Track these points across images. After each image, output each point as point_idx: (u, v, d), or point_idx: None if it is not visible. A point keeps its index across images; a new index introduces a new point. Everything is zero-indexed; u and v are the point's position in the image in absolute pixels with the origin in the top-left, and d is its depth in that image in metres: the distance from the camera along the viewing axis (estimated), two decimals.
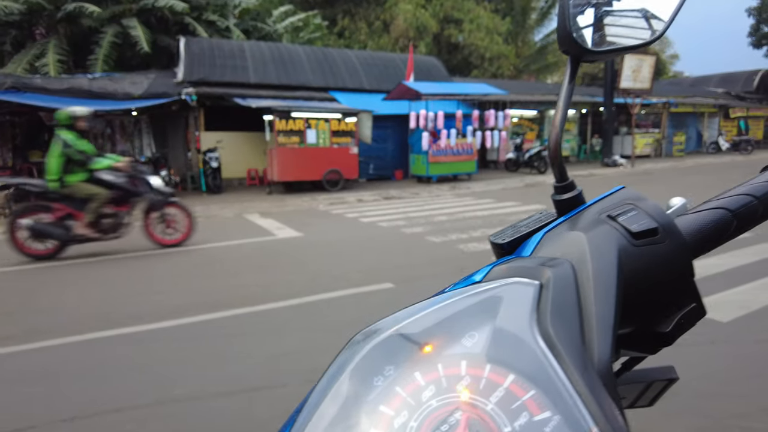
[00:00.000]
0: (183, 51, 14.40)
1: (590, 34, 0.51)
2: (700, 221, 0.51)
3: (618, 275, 0.39)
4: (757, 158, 20.72)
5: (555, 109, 0.52)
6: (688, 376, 2.83)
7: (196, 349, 3.41)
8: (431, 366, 0.32)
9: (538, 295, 0.35)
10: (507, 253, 0.48)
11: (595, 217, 0.46)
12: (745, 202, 0.52)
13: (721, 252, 5.39)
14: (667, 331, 0.46)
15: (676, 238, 0.45)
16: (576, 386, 0.29)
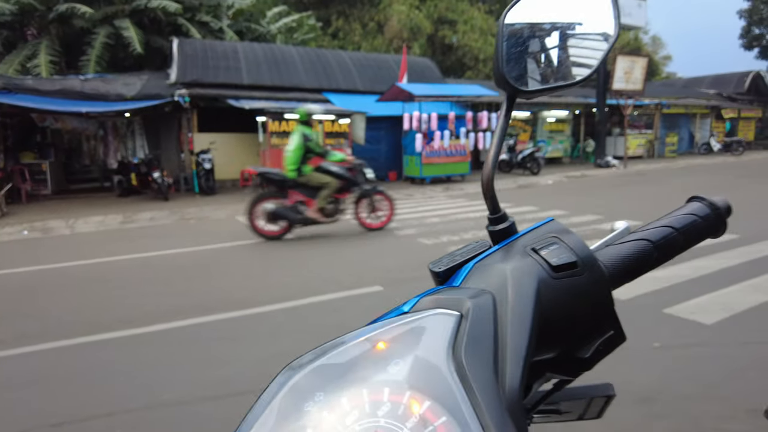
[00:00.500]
0: (176, 52, 14.38)
1: (523, 75, 0.54)
2: (623, 253, 0.54)
3: (534, 306, 0.42)
4: (748, 159, 20.89)
5: (489, 146, 0.55)
6: (671, 378, 2.88)
7: (187, 352, 3.43)
8: (357, 392, 0.35)
9: (457, 325, 0.38)
10: (442, 281, 0.51)
11: (521, 250, 0.49)
12: (666, 234, 0.56)
13: (708, 254, 5.46)
14: (586, 356, 0.49)
15: (595, 271, 0.48)
16: (479, 415, 0.32)
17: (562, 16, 0.57)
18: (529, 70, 0.55)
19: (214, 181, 13.11)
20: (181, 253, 6.50)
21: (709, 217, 0.59)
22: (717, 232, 0.60)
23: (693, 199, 0.62)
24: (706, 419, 2.44)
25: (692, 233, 0.57)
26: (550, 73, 0.56)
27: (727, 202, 0.60)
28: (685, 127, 25.29)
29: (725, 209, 0.60)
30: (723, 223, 0.60)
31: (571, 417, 0.64)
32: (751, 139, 27.77)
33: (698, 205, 0.60)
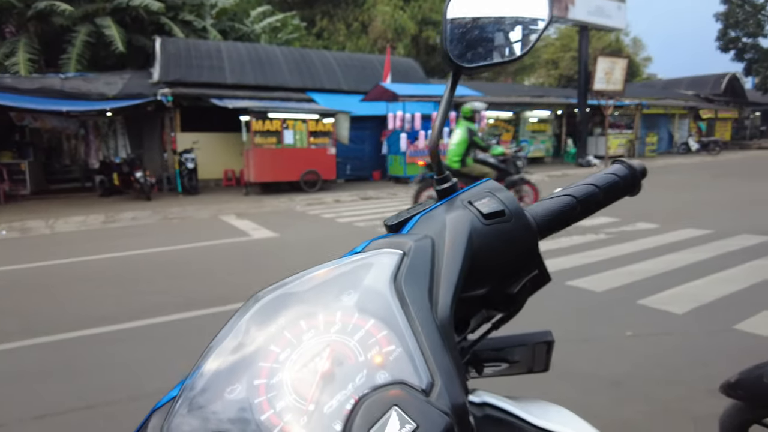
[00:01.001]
0: (159, 51, 14.28)
1: (465, 53, 0.61)
2: (550, 207, 0.62)
3: (466, 247, 0.49)
4: (724, 159, 21.37)
5: (437, 113, 0.62)
6: (641, 364, 2.99)
7: (170, 346, 3.45)
8: (314, 316, 0.42)
9: (400, 261, 0.45)
10: (395, 231, 0.58)
11: (459, 203, 0.56)
12: (589, 191, 0.64)
13: (682, 249, 5.62)
14: (515, 292, 0.57)
15: (521, 220, 0.55)
16: (413, 328, 0.39)
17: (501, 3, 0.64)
18: (471, 49, 0.62)
19: (197, 181, 13.05)
20: (163, 252, 6.49)
21: (627, 177, 0.67)
22: (633, 191, 0.68)
23: (615, 161, 0.70)
24: (671, 401, 2.55)
25: (612, 191, 0.66)
26: (489, 50, 0.63)
27: (643, 165, 0.68)
28: (665, 127, 25.77)
29: (641, 171, 0.68)
30: (638, 183, 0.68)
31: (521, 369, 0.71)
32: (727, 139, 28.40)
33: (619, 167, 0.68)
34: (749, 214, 7.90)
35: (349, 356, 0.38)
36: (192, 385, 0.41)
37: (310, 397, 0.36)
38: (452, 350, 0.40)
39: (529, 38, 0.63)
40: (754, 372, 1.68)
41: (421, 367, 0.37)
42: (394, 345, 0.38)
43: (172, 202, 11.50)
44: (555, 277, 4.75)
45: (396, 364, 0.37)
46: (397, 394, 0.35)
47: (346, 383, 0.37)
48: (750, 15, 27.05)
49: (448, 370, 0.37)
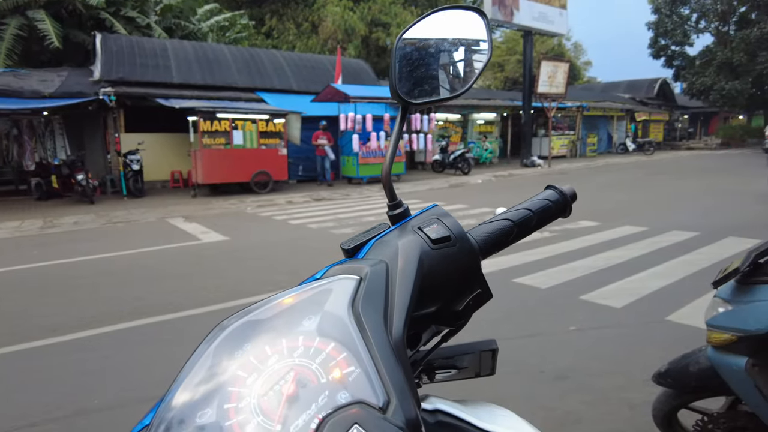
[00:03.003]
0: (99, 48, 13.68)
1: (413, 89, 0.68)
2: (490, 230, 0.69)
3: (417, 270, 0.55)
4: (658, 158, 22.65)
5: (389, 145, 0.68)
6: (584, 357, 3.17)
7: (115, 357, 3.36)
8: (278, 341, 0.46)
9: (357, 286, 0.50)
10: (351, 256, 0.63)
11: (410, 229, 0.62)
12: (524, 215, 0.71)
13: (620, 246, 5.95)
14: (460, 309, 0.63)
15: (465, 243, 0.62)
16: (370, 350, 0.44)
17: (446, 39, 0.71)
18: (418, 86, 0.68)
19: (143, 183, 12.60)
20: (108, 258, 6.25)
21: (558, 201, 0.75)
22: (564, 213, 0.76)
23: (548, 187, 0.78)
24: (611, 391, 2.73)
25: (545, 215, 0.74)
26: (435, 87, 0.69)
27: (573, 190, 0.77)
28: (604, 128, 27.02)
29: (570, 195, 0.76)
30: (569, 206, 0.76)
31: (470, 374, 0.78)
32: (660, 140, 30.09)
33: (551, 192, 0.76)
34: (678, 211, 8.45)
35: (311, 378, 0.42)
36: (164, 411, 0.43)
37: (277, 417, 0.39)
38: (405, 368, 0.45)
39: (470, 75, 0.70)
40: (681, 362, 1.85)
41: (377, 387, 0.41)
42: (353, 366, 0.42)
43: (117, 205, 11.06)
44: (503, 274, 4.93)
45: (355, 385, 0.41)
46: (357, 412, 0.39)
47: (309, 404, 0.40)
48: (677, 25, 28.77)
49: (402, 388, 0.41)
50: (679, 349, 3.20)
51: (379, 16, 24.26)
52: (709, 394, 1.82)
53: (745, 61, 25.78)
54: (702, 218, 7.65)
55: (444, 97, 0.70)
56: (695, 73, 28.53)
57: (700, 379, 1.73)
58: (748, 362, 1.51)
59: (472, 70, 0.71)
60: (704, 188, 11.78)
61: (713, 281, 1.68)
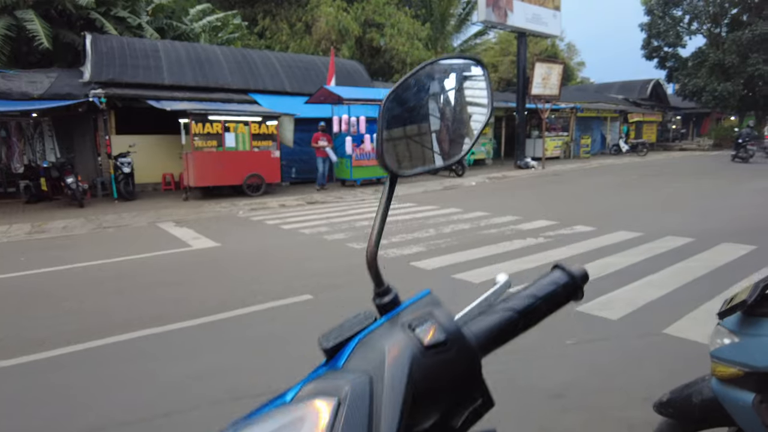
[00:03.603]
0: (90, 49, 13.51)
1: (402, 159, 0.61)
2: (492, 323, 0.61)
3: (407, 385, 0.48)
4: (651, 159, 22.72)
5: (373, 222, 0.60)
6: (580, 373, 3.11)
7: (102, 374, 3.27)
8: None
9: (335, 411, 0.43)
10: (331, 355, 0.56)
11: (399, 327, 0.54)
12: (530, 303, 0.64)
13: (615, 252, 5.91)
14: (457, 426, 0.55)
15: (462, 346, 0.54)
16: None
17: (440, 96, 0.64)
18: (408, 151, 0.61)
19: (134, 186, 12.47)
20: (97, 266, 6.14)
21: (567, 285, 0.67)
22: (575, 296, 0.68)
23: (555, 267, 0.70)
24: (609, 409, 2.67)
25: (553, 300, 0.65)
26: (427, 153, 0.62)
27: (583, 271, 0.69)
28: (598, 129, 27.09)
29: (581, 277, 0.68)
30: (580, 289, 0.68)
31: None
32: (653, 141, 30.21)
33: (559, 274, 0.68)
34: (672, 215, 8.44)
35: None
36: None
37: None
38: None
39: (467, 138, 0.63)
40: (683, 391, 1.79)
41: None
42: None
43: (107, 208, 10.92)
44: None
45: None
46: None
47: None
48: (670, 27, 28.85)
49: None
50: (678, 364, 3.18)
51: (373, 16, 24.15)
52: (713, 425, 1.76)
53: (736, 63, 25.91)
54: (696, 223, 7.64)
55: (438, 166, 0.63)
56: (688, 75, 28.65)
57: (703, 410, 1.67)
58: (755, 398, 1.45)
59: (469, 132, 0.64)
60: (698, 191, 11.80)
61: (718, 312, 1.62)
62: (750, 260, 5.45)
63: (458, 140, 0.64)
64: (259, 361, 3.37)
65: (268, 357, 3.43)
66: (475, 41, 30.71)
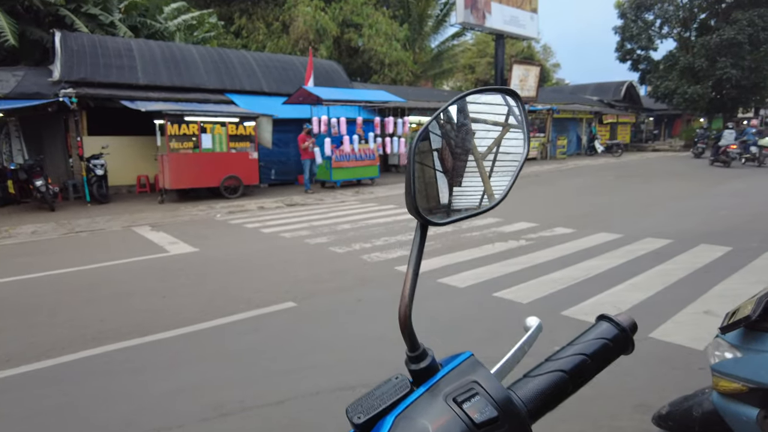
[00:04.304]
0: (59, 47, 13.09)
1: (435, 205, 0.54)
2: (541, 386, 0.55)
3: None
4: (626, 160, 23.14)
5: (404, 276, 0.54)
6: None
7: (76, 392, 3.12)
8: None
9: None
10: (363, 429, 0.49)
11: (442, 401, 0.48)
12: (579, 362, 0.58)
13: (597, 255, 5.95)
14: None
15: (515, 418, 0.49)
16: None
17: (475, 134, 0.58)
18: (441, 200, 0.55)
19: (108, 188, 12.14)
20: (69, 274, 5.92)
21: (618, 338, 0.62)
22: (626, 350, 0.62)
23: (600, 318, 0.64)
24: (601, 418, 2.65)
25: (603, 356, 0.61)
26: (463, 198, 0.56)
27: (631, 320, 0.63)
28: (573, 130, 27.47)
29: (630, 328, 0.63)
30: (630, 342, 0.62)
31: None
32: (627, 142, 30.81)
33: (606, 327, 0.62)
34: (650, 216, 8.57)
35: None
36: None
37: None
38: None
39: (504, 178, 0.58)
40: (683, 404, 1.77)
41: None
42: None
43: (80, 212, 10.60)
44: (483, 288, 4.85)
45: None
46: None
47: None
48: (642, 30, 29.41)
49: None
50: (666, 370, 3.18)
51: (351, 17, 24.06)
52: None
53: (705, 67, 26.56)
54: (674, 224, 7.76)
55: (473, 213, 0.57)
56: (659, 77, 29.26)
57: (704, 424, 1.65)
58: (759, 414, 1.43)
59: (507, 169, 0.58)
60: (673, 191, 12.02)
61: (721, 327, 1.60)
62: (726, 262, 5.54)
63: (496, 180, 0.58)
64: (244, 374, 3.26)
65: (253, 369, 3.33)
66: (452, 42, 30.84)
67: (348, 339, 3.79)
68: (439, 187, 0.55)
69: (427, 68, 29.42)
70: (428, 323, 4.07)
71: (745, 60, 25.42)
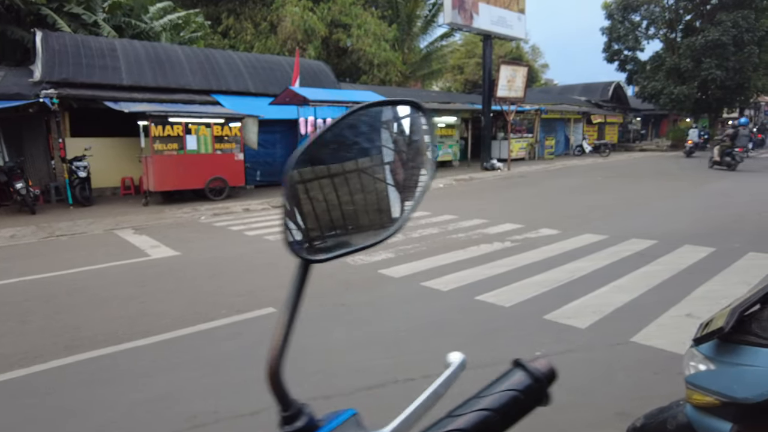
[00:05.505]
0: (40, 46, 12.86)
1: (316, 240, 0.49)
2: None
3: None
4: (614, 160, 23.28)
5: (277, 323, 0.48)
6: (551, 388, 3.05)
7: (48, 402, 3.03)
8: None
9: None
10: None
11: None
12: (483, 418, 0.51)
13: (581, 257, 5.94)
14: None
15: None
16: None
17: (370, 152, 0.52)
18: (325, 230, 0.49)
19: (91, 191, 11.94)
20: (46, 279, 5.79)
21: (531, 389, 0.54)
22: (541, 402, 0.55)
23: (516, 364, 0.58)
24: (582, 428, 2.62)
25: (513, 410, 0.53)
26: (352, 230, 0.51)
27: (549, 367, 0.56)
28: (561, 130, 27.60)
29: (547, 377, 0.55)
30: (544, 393, 0.55)
31: None
32: (615, 142, 31.01)
33: (519, 376, 0.55)
34: (637, 217, 8.60)
35: None
36: None
37: None
38: None
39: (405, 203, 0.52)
40: (658, 416, 1.73)
41: None
42: None
43: (62, 215, 10.42)
44: (466, 291, 4.81)
45: None
46: None
47: None
48: (629, 31, 29.65)
49: None
50: (647, 375, 3.16)
51: (340, 17, 23.95)
52: None
53: (691, 68, 26.80)
54: (659, 224, 7.78)
55: (364, 245, 0.51)
56: (646, 78, 29.49)
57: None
58: (732, 428, 1.40)
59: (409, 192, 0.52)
60: (658, 192, 12.09)
61: (694, 338, 1.56)
62: (710, 263, 5.55)
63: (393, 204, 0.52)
64: (220, 383, 3.19)
65: (229, 377, 3.26)
66: (441, 43, 30.82)
67: (328, 345, 3.72)
68: (324, 214, 0.50)
69: (416, 69, 29.38)
70: (409, 328, 4.02)
71: (730, 61, 25.68)
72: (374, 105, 0.54)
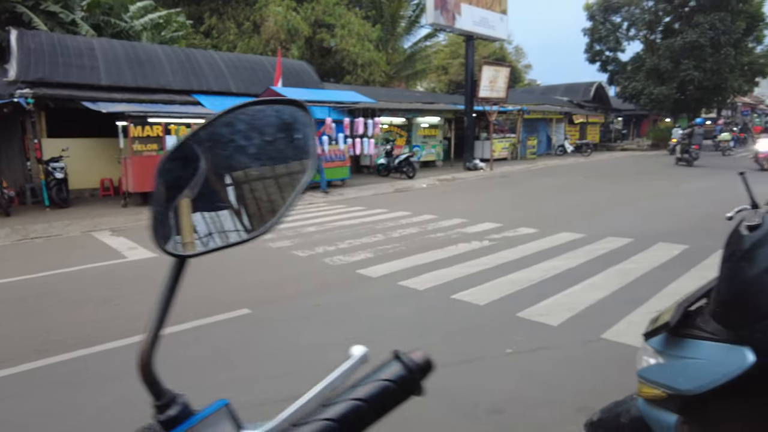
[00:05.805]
0: (15, 45, 12.62)
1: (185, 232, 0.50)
2: None
3: None
4: (595, 160, 23.55)
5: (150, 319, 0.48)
6: (520, 385, 3.09)
7: (14, 407, 2.98)
8: None
9: None
10: None
11: None
12: (353, 408, 0.51)
13: (557, 255, 6.00)
14: None
15: None
16: None
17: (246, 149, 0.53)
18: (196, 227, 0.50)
19: (68, 192, 11.75)
20: (19, 282, 5.70)
21: (405, 380, 0.55)
22: (415, 392, 0.56)
23: (395, 356, 0.58)
24: (550, 426, 2.65)
25: (385, 400, 0.54)
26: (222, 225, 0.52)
27: (425, 359, 0.56)
28: (544, 130, 27.84)
29: (420, 369, 0.56)
30: (417, 384, 0.56)
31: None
32: (597, 141, 31.37)
33: (396, 367, 0.56)
34: (615, 216, 8.71)
35: None
36: None
37: None
38: None
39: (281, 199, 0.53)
40: (613, 410, 1.76)
41: None
42: None
43: (37, 217, 10.24)
44: (442, 290, 4.84)
45: None
46: None
47: None
48: (610, 32, 30.07)
49: None
50: (614, 372, 3.20)
51: (323, 17, 23.90)
52: None
53: (670, 68, 27.23)
54: (636, 223, 7.90)
55: (234, 242, 0.51)
56: (627, 78, 29.90)
57: (631, 430, 1.65)
58: (678, 420, 1.43)
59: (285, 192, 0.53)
60: (638, 191, 12.26)
61: (644, 333, 1.59)
62: (683, 260, 5.65)
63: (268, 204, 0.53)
64: (187, 385, 3.15)
65: (197, 379, 3.24)
66: (425, 43, 30.94)
67: (301, 346, 3.72)
68: (193, 214, 0.50)
69: (400, 69, 29.43)
70: (384, 328, 4.04)
71: (707, 62, 26.14)
72: (254, 104, 0.55)
